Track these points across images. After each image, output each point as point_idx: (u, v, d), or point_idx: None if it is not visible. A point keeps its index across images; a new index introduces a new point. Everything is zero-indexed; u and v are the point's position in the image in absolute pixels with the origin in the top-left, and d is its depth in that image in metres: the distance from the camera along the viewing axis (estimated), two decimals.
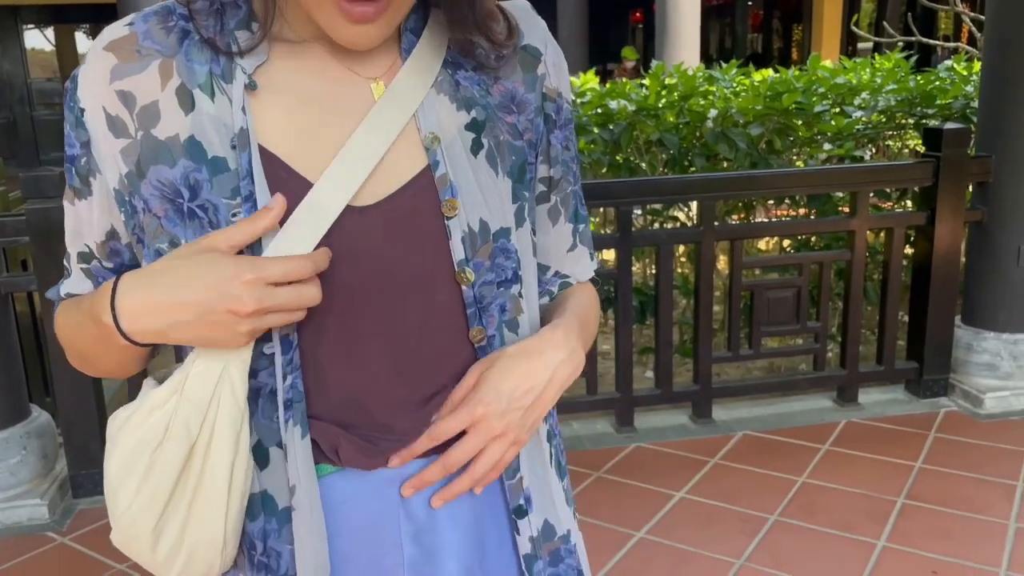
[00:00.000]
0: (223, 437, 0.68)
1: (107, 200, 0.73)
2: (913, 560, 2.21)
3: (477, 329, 0.75)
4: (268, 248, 0.66)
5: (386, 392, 0.73)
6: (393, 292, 0.71)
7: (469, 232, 0.72)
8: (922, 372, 3.20)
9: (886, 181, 3.20)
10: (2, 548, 2.40)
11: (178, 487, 0.69)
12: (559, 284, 0.88)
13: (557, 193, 0.84)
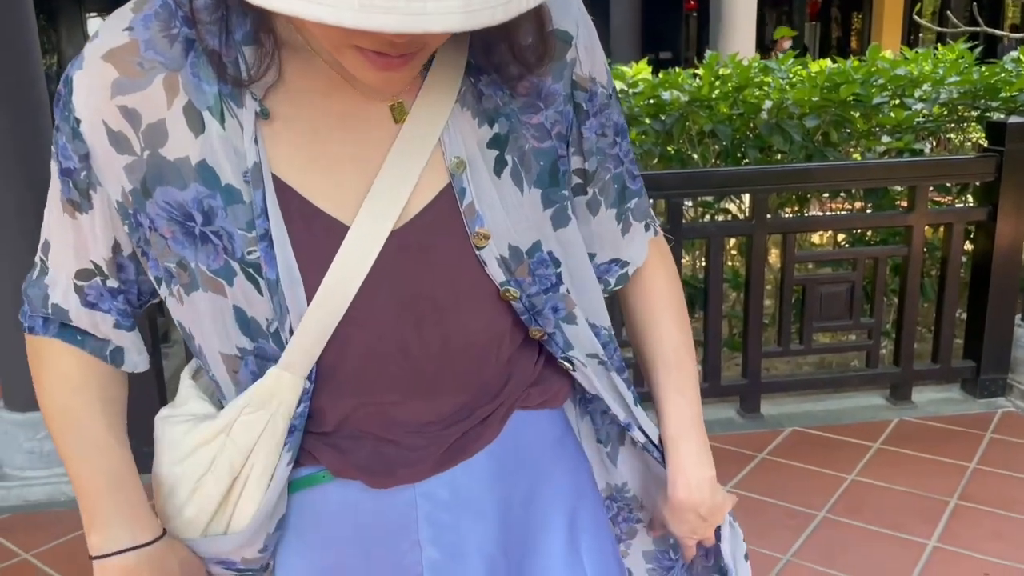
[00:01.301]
0: (259, 475, 0.72)
1: (109, 212, 0.71)
2: (965, 561, 2.17)
3: (536, 329, 0.77)
4: (319, 294, 0.67)
5: (402, 412, 0.73)
6: (415, 319, 0.71)
7: (502, 258, 0.72)
8: (979, 371, 3.13)
9: (946, 175, 3.13)
10: (68, 520, 2.50)
11: (218, 513, 0.75)
12: (617, 275, 0.87)
13: (594, 185, 0.82)
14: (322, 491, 0.76)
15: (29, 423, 2.59)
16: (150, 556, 0.75)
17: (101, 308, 0.76)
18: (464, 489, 0.77)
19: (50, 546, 2.36)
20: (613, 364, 0.84)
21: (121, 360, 0.79)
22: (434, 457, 0.76)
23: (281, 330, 0.68)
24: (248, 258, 0.66)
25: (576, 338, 0.80)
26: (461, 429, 0.77)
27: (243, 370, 0.71)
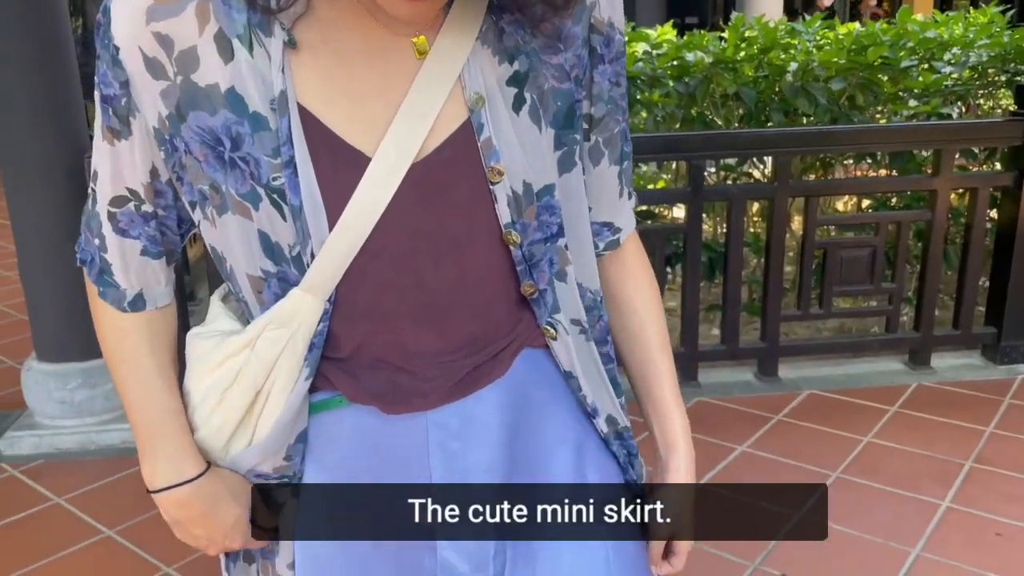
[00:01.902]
0: (280, 389, 0.76)
1: (147, 139, 0.73)
2: (977, 521, 2.18)
3: (528, 285, 0.78)
4: (341, 221, 0.69)
5: (415, 343, 0.76)
6: (429, 250, 0.73)
7: (514, 195, 0.73)
8: (1000, 338, 3.12)
9: (972, 139, 3.09)
10: (98, 467, 2.58)
11: (242, 424, 0.79)
12: (607, 240, 0.89)
13: (599, 133, 0.83)
14: (338, 415, 0.79)
15: (60, 374, 2.67)
16: (198, 488, 0.80)
17: (131, 235, 0.79)
18: (474, 419, 0.80)
19: (80, 492, 2.44)
20: (594, 334, 0.86)
21: (143, 305, 0.82)
22: (446, 388, 0.78)
23: (303, 254, 0.71)
24: (273, 184, 0.68)
25: (564, 299, 0.81)
26: (473, 363, 0.79)
27: (266, 291, 0.74)
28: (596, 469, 0.88)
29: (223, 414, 0.78)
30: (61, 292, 2.64)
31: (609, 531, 0.84)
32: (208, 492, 0.80)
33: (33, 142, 2.55)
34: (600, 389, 0.87)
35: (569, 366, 0.84)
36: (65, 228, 2.60)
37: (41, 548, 2.17)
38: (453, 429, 0.79)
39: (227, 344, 0.77)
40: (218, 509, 0.80)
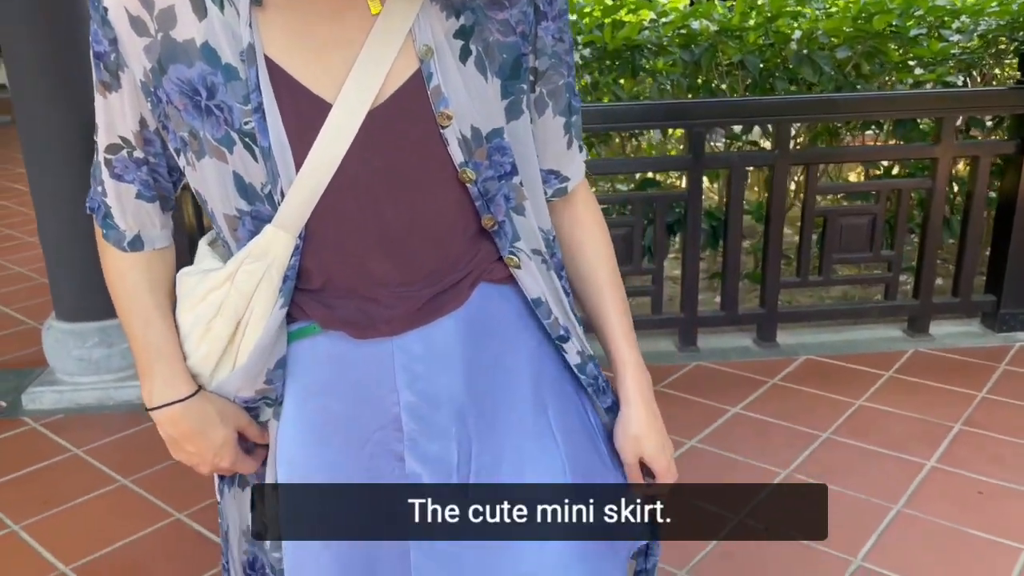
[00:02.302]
0: (259, 318, 0.84)
1: (135, 91, 0.81)
2: (960, 480, 2.24)
3: (487, 218, 0.85)
4: (308, 161, 0.77)
5: (379, 273, 0.83)
6: (388, 189, 0.80)
7: (463, 138, 0.80)
8: (999, 305, 3.14)
9: (975, 107, 3.09)
10: (115, 421, 2.70)
11: (228, 349, 0.88)
12: (555, 187, 0.95)
13: (544, 84, 0.89)
14: (313, 342, 0.87)
15: (78, 332, 2.78)
16: (189, 407, 0.89)
17: (125, 179, 0.87)
18: (436, 345, 0.88)
19: (98, 444, 2.56)
20: (553, 264, 0.93)
21: (141, 245, 0.91)
22: (409, 315, 0.86)
23: (274, 192, 0.78)
24: (245, 128, 0.76)
25: (524, 230, 0.88)
26: (433, 291, 0.86)
27: (241, 229, 0.82)
28: (554, 400, 0.95)
29: (209, 343, 0.87)
30: (78, 255, 2.74)
31: (564, 439, 0.93)
32: (198, 412, 0.89)
33: (49, 113, 2.64)
34: (567, 315, 0.94)
35: (537, 292, 0.90)
36: (80, 194, 2.67)
37: (61, 495, 2.29)
38: (417, 353, 0.87)
39: (209, 279, 0.85)
40: (207, 428, 0.89)
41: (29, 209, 5.52)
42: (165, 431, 0.91)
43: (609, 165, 3.28)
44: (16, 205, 5.75)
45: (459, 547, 0.89)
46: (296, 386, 0.89)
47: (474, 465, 0.90)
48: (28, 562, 2.02)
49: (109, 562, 2.01)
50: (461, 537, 0.88)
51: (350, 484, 0.89)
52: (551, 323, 0.92)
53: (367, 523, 0.88)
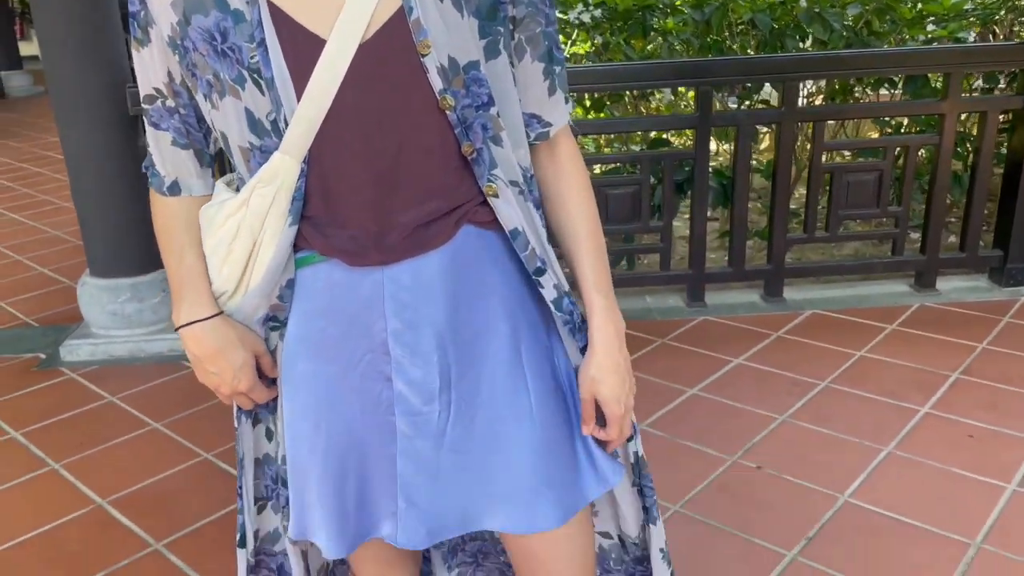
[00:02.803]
0: (271, 236, 0.95)
1: (163, 46, 0.92)
2: (952, 425, 2.32)
3: (467, 145, 0.94)
4: (307, 93, 0.87)
5: (371, 201, 0.93)
6: (378, 118, 0.89)
7: (441, 67, 0.89)
8: (1006, 260, 3.18)
9: (982, 63, 3.10)
10: (147, 372, 2.86)
11: (247, 268, 0.99)
12: (537, 132, 1.03)
13: (522, 32, 0.96)
14: (314, 270, 0.98)
15: (111, 288, 2.93)
16: (212, 326, 1.01)
17: (161, 127, 0.99)
18: (422, 277, 0.97)
19: (131, 392, 2.71)
20: (530, 196, 1.02)
21: (179, 190, 1.03)
22: (398, 246, 0.96)
23: (278, 120, 0.89)
24: (252, 64, 0.87)
25: (501, 160, 0.97)
26: (419, 219, 0.96)
27: (253, 161, 0.93)
28: (528, 343, 1.04)
29: (230, 265, 0.99)
30: (110, 213, 2.88)
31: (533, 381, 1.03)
32: (220, 332, 1.01)
33: (79, 75, 2.76)
34: (544, 246, 1.02)
35: (515, 223, 0.99)
36: (110, 154, 2.83)
37: (98, 437, 2.45)
38: (404, 283, 0.97)
39: (227, 206, 0.97)
40: (227, 349, 1.01)
41: (63, 176, 5.71)
42: (190, 350, 1.02)
43: (617, 124, 3.35)
44: (51, 172, 5.95)
45: (440, 459, 1.00)
46: (299, 310, 1.00)
47: (454, 394, 1.00)
48: (69, 495, 2.18)
49: (142, 495, 2.17)
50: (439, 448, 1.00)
51: (345, 389, 1.00)
52: (528, 255, 1.00)
53: (358, 421, 1.00)
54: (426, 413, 0.99)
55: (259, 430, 1.14)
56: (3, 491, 2.22)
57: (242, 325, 1.03)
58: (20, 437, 2.48)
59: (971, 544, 1.85)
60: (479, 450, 1.01)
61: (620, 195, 3.08)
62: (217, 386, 1.04)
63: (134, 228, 2.92)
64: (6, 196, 5.40)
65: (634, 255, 3.43)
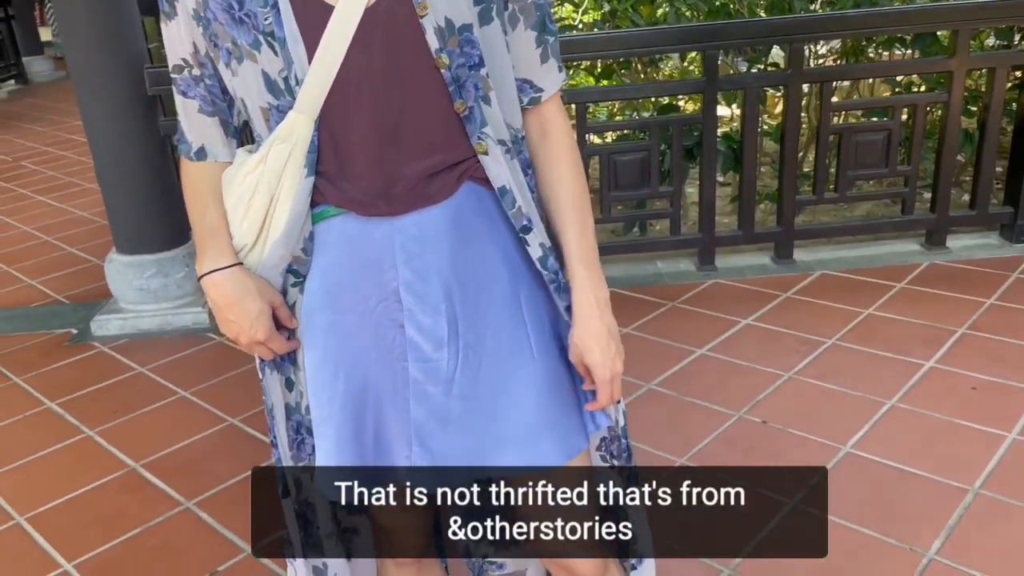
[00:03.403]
0: (288, 189, 1.03)
1: (187, 19, 1.00)
2: (956, 378, 2.36)
3: (459, 103, 1.01)
4: (317, 56, 0.95)
5: (378, 153, 1.00)
6: (383, 77, 0.97)
7: (438, 28, 0.97)
8: (1016, 216, 3.19)
9: (990, 19, 3.09)
10: (174, 344, 2.96)
11: (264, 222, 1.07)
12: (530, 96, 1.10)
13: (515, 2, 1.04)
14: (328, 224, 1.06)
15: (137, 264, 3.04)
16: (231, 275, 1.08)
17: (188, 95, 1.06)
18: (428, 228, 1.05)
19: (159, 363, 2.82)
20: (519, 156, 1.08)
21: (205, 156, 1.11)
22: (404, 196, 1.03)
23: (290, 78, 0.97)
24: (265, 27, 0.95)
25: (491, 118, 1.03)
26: (423, 172, 1.03)
27: (272, 120, 1.01)
28: (525, 290, 1.11)
29: (250, 218, 1.06)
30: (133, 192, 2.98)
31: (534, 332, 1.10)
32: (239, 281, 1.08)
33: (99, 57, 2.85)
34: (531, 205, 1.09)
35: (503, 181, 1.05)
36: (131, 134, 2.92)
37: (129, 405, 2.56)
38: (412, 234, 1.05)
39: (246, 164, 1.05)
40: (245, 298, 1.08)
41: (87, 158, 5.82)
42: (211, 298, 1.10)
43: (625, 91, 3.38)
44: (76, 155, 6.07)
45: (450, 405, 1.08)
46: (316, 264, 1.08)
47: (461, 342, 1.07)
48: (103, 460, 2.30)
49: (173, 459, 2.28)
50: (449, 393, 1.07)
51: (361, 337, 1.08)
52: (515, 212, 1.07)
53: (374, 367, 1.08)
54: (436, 360, 1.06)
55: (279, 376, 1.21)
56: (41, 457, 2.34)
57: (260, 278, 1.09)
58: (55, 407, 2.60)
59: (969, 490, 1.90)
60: (486, 395, 1.08)
61: (630, 161, 3.12)
62: (236, 335, 1.10)
63: (157, 206, 3.02)
64: (33, 179, 5.54)
65: (645, 220, 3.47)
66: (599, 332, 1.09)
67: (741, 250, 3.36)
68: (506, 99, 1.06)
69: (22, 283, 3.67)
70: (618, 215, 3.28)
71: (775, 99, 4.40)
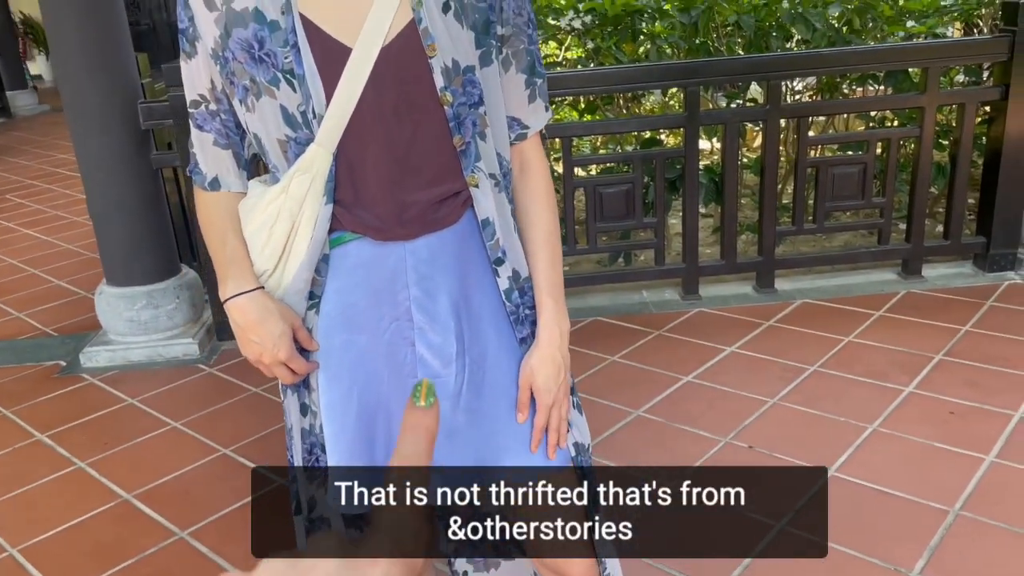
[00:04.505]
0: (308, 218, 1.08)
1: (207, 58, 1.07)
2: (934, 403, 2.43)
3: (458, 138, 1.08)
4: (336, 93, 1.02)
5: (390, 182, 1.07)
6: (395, 112, 1.04)
7: (445, 68, 1.04)
8: (989, 247, 3.29)
9: (959, 57, 3.22)
10: (164, 375, 2.98)
11: (285, 249, 1.12)
12: (516, 132, 1.18)
13: (508, 47, 1.13)
14: (343, 249, 1.12)
15: (127, 296, 3.06)
16: (253, 298, 1.13)
17: (205, 129, 1.13)
18: (437, 251, 1.12)
19: (149, 394, 2.84)
20: (504, 188, 1.15)
21: (219, 186, 1.17)
22: (417, 223, 1.10)
23: (307, 112, 1.03)
24: (285, 65, 1.02)
25: (485, 154, 1.11)
26: (433, 199, 1.09)
27: (290, 152, 1.06)
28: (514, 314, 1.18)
29: (272, 245, 1.11)
30: (125, 224, 3.01)
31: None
32: (261, 303, 1.12)
33: (92, 92, 2.89)
34: (511, 236, 1.16)
35: (487, 213, 1.12)
36: (124, 168, 2.96)
37: (119, 437, 2.57)
38: (423, 256, 1.11)
39: (268, 194, 1.10)
40: (267, 319, 1.12)
41: (74, 191, 5.85)
42: (235, 320, 1.14)
43: (609, 125, 3.47)
44: (61, 188, 6.08)
45: (456, 419, 1.14)
46: (332, 288, 1.14)
47: (467, 358, 1.14)
48: (96, 491, 2.30)
49: (165, 489, 2.29)
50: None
51: (374, 355, 1.13)
52: (492, 244, 1.14)
53: (385, 384, 1.13)
54: (444, 376, 1.12)
55: (298, 405, 1.25)
56: (34, 488, 2.34)
57: (281, 301, 1.14)
58: (46, 439, 2.60)
59: (950, 511, 1.96)
60: (488, 409, 1.15)
61: (614, 193, 3.20)
62: (259, 355, 1.13)
63: (148, 238, 3.05)
64: (20, 212, 5.54)
65: (630, 251, 3.54)
66: (555, 359, 1.16)
67: (724, 279, 3.43)
68: (499, 135, 1.14)
69: (9, 316, 3.67)
70: (603, 246, 3.36)
71: (754, 133, 4.51)
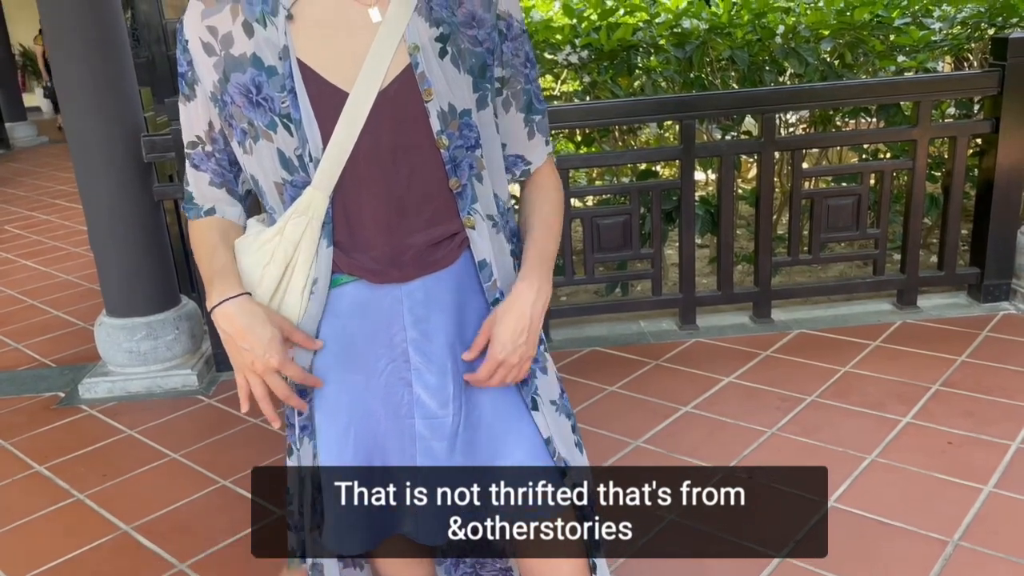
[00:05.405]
0: (303, 263, 1.10)
1: (205, 101, 1.10)
2: (932, 433, 2.44)
3: (454, 180, 1.10)
4: (333, 136, 1.03)
5: (387, 225, 1.08)
6: (391, 155, 1.06)
7: (441, 112, 1.06)
8: (983, 277, 3.32)
9: (950, 91, 3.28)
10: (163, 406, 2.98)
11: (277, 290, 1.13)
12: (521, 169, 1.21)
13: (508, 88, 1.16)
14: (340, 291, 1.13)
15: (127, 327, 3.06)
16: (239, 304, 1.11)
17: (200, 168, 1.16)
18: (433, 292, 1.13)
19: (149, 425, 2.83)
20: (503, 228, 1.17)
21: (214, 212, 1.20)
22: (411, 264, 1.11)
23: (304, 155, 1.05)
24: (282, 109, 1.04)
25: (481, 195, 1.12)
26: (429, 242, 1.10)
27: (286, 194, 1.09)
28: None
29: (265, 284, 1.12)
30: (125, 256, 3.03)
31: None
32: (247, 309, 1.10)
33: (96, 126, 2.92)
34: (509, 277, 1.17)
35: (484, 254, 1.14)
36: (126, 200, 2.98)
37: (118, 468, 2.57)
38: (419, 298, 1.12)
39: (264, 234, 1.12)
40: (255, 324, 1.10)
41: (72, 222, 5.88)
42: (222, 329, 1.11)
43: (606, 158, 3.51)
44: (59, 219, 6.11)
45: (453, 459, 1.14)
46: (327, 327, 1.14)
47: (464, 399, 1.14)
48: (95, 523, 2.29)
49: (165, 521, 2.28)
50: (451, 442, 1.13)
51: (370, 396, 1.14)
52: (489, 286, 1.15)
53: (382, 425, 1.14)
54: (441, 417, 1.13)
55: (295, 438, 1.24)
56: (32, 520, 2.34)
57: (267, 307, 1.12)
58: (44, 471, 2.59)
59: (949, 542, 1.96)
60: (484, 446, 1.15)
61: (611, 224, 3.23)
62: (251, 363, 1.10)
63: (149, 269, 3.07)
64: (19, 244, 5.55)
65: (627, 281, 3.57)
66: (521, 315, 1.12)
67: (720, 310, 3.45)
68: (496, 176, 1.16)
69: (8, 347, 3.67)
70: (601, 276, 3.38)
71: (748, 165, 4.57)
